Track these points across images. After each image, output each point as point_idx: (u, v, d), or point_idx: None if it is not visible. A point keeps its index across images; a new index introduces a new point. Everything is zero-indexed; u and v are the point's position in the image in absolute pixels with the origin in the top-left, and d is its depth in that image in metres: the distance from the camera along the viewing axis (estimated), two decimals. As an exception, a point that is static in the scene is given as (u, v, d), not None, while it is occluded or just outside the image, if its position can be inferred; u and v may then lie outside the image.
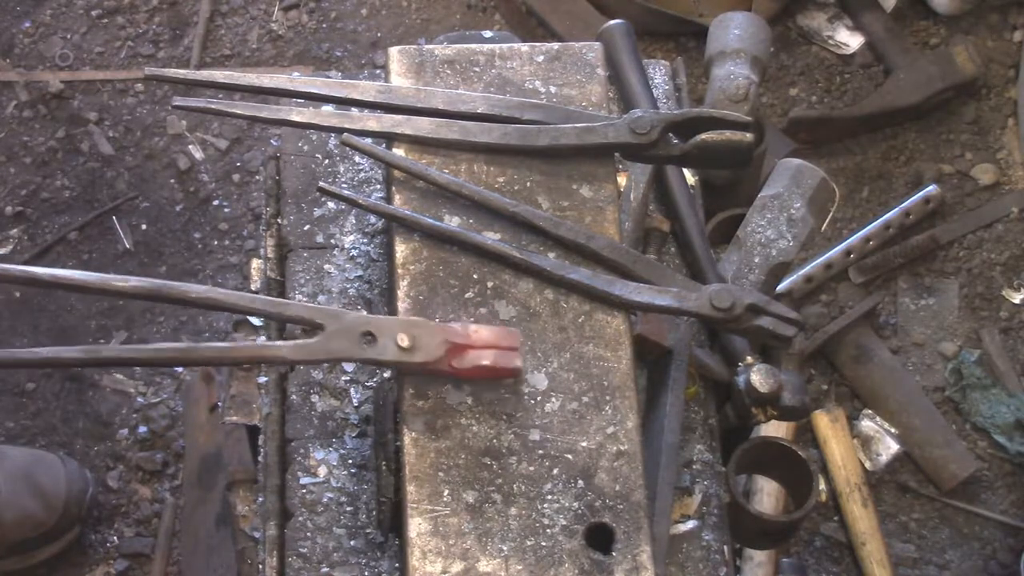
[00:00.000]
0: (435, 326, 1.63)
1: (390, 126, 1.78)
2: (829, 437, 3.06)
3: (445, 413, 1.64)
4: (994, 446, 3.11)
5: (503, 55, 1.85)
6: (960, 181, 3.36)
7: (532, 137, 1.77)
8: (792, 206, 1.90)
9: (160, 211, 3.30)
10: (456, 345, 1.62)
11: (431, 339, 1.62)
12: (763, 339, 1.75)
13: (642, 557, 1.59)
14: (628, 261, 1.72)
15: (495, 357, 1.63)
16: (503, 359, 1.63)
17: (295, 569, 1.74)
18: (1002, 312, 3.23)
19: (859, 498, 3.00)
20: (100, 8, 3.50)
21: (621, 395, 1.66)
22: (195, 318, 3.19)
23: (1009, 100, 3.43)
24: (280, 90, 1.84)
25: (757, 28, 2.09)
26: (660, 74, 2.11)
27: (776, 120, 3.39)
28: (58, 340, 3.15)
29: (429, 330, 1.62)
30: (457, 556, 1.57)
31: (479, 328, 1.65)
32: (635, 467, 1.63)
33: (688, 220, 1.97)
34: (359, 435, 1.83)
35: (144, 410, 3.11)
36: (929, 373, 3.18)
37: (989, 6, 3.51)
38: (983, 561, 3.03)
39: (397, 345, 1.61)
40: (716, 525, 1.82)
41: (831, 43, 3.48)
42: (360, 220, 1.95)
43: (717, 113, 1.77)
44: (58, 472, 2.89)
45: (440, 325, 1.64)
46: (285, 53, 3.47)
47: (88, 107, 3.38)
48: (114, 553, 3.00)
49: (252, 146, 3.37)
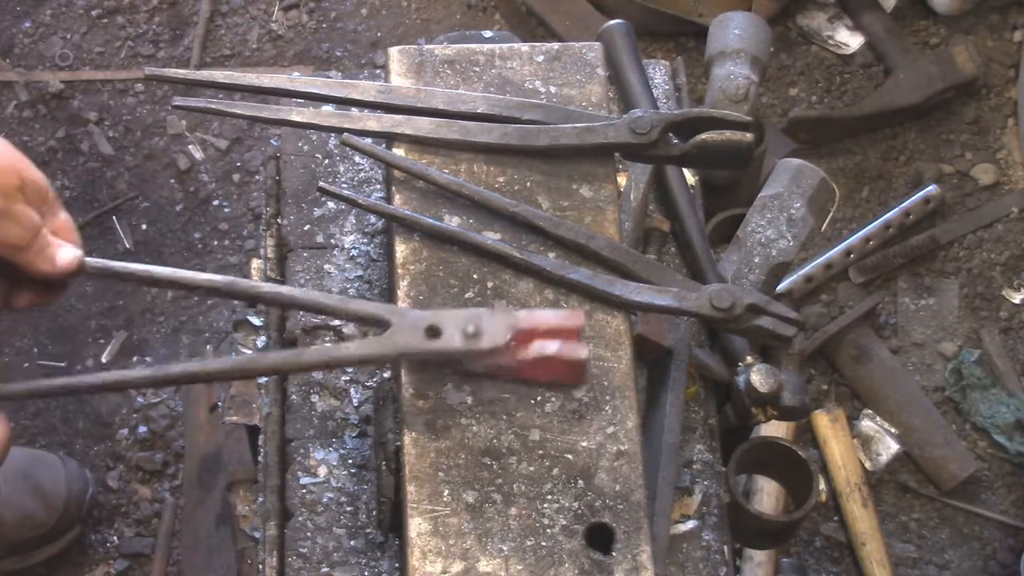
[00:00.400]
0: (499, 312, 1.61)
1: (390, 126, 1.78)
2: (829, 437, 3.06)
3: (445, 413, 1.64)
4: (994, 446, 3.11)
5: (503, 55, 1.85)
6: (960, 181, 3.36)
7: (532, 137, 1.77)
8: (792, 206, 1.90)
9: (160, 211, 3.30)
10: (521, 331, 1.59)
11: (496, 325, 1.59)
12: (763, 339, 1.75)
13: (642, 557, 1.59)
14: (628, 261, 1.72)
15: (560, 347, 1.60)
16: (569, 349, 1.60)
17: (295, 569, 1.74)
18: (1002, 312, 3.23)
19: (859, 498, 3.00)
20: (100, 8, 3.50)
21: (621, 395, 1.66)
22: (195, 318, 3.19)
23: (1009, 100, 3.43)
24: (280, 90, 1.83)
25: (757, 28, 2.09)
26: (660, 74, 2.11)
27: (776, 120, 3.39)
28: (58, 340, 3.15)
29: (492, 317, 1.59)
30: (457, 556, 1.57)
31: (542, 311, 1.63)
32: (635, 467, 1.63)
33: (688, 220, 1.97)
34: (359, 435, 1.83)
35: (144, 410, 3.11)
36: (929, 373, 3.18)
37: (989, 6, 3.51)
38: (983, 561, 3.03)
39: (464, 333, 1.59)
40: (716, 525, 1.82)
41: (831, 43, 3.49)
42: (360, 220, 1.95)
43: (717, 113, 1.77)
44: (58, 472, 2.90)
45: (503, 311, 1.62)
46: (285, 53, 3.47)
47: (88, 107, 3.38)
48: (114, 553, 3.00)
49: (252, 146, 3.37)
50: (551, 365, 1.61)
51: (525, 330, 1.59)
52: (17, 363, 3.14)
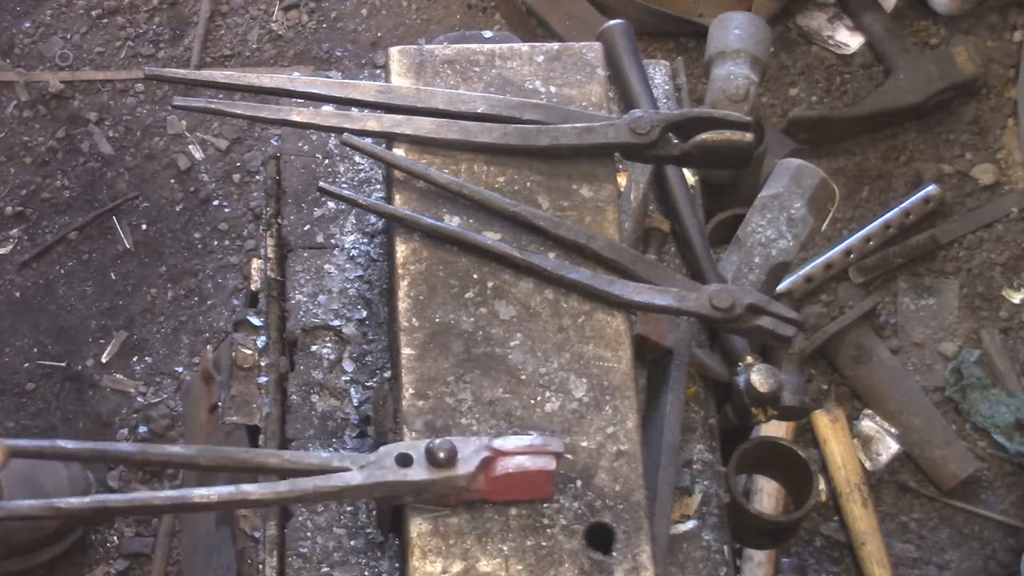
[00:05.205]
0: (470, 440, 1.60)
1: (390, 126, 1.78)
2: (829, 437, 3.06)
3: (445, 413, 1.64)
4: (994, 446, 3.11)
5: (503, 55, 1.85)
6: (960, 181, 3.36)
7: (532, 137, 1.77)
8: (792, 206, 1.90)
9: (160, 211, 3.30)
10: (492, 454, 1.58)
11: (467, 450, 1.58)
12: (763, 339, 1.76)
13: (642, 557, 1.59)
14: (628, 261, 1.72)
15: (529, 460, 1.58)
16: (536, 461, 1.58)
17: (295, 569, 1.74)
18: (1002, 312, 3.23)
19: (859, 498, 3.00)
20: (100, 8, 3.50)
21: (621, 395, 1.66)
22: (195, 318, 3.19)
23: (1009, 100, 3.43)
24: (280, 90, 1.84)
25: (757, 28, 2.09)
26: (660, 74, 2.11)
27: (776, 120, 3.39)
28: (58, 340, 3.15)
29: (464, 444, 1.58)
30: (457, 556, 1.57)
31: (510, 438, 1.61)
32: (635, 467, 1.63)
33: (688, 220, 1.97)
34: (359, 435, 1.82)
35: (144, 410, 3.11)
36: (929, 373, 3.18)
37: (989, 6, 3.50)
38: (983, 561, 3.03)
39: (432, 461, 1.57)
40: (716, 525, 1.82)
41: (831, 43, 3.48)
42: (360, 220, 1.95)
43: (717, 113, 1.77)
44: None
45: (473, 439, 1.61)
46: (285, 53, 3.47)
47: (88, 107, 3.38)
48: (114, 553, 3.00)
49: (252, 146, 3.37)
50: (518, 482, 1.58)
51: (496, 450, 1.58)
52: (17, 363, 3.14)
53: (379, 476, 1.57)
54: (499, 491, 1.58)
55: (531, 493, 1.59)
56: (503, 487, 1.58)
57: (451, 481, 1.56)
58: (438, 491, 1.57)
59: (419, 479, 1.56)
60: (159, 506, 1.61)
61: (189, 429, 2.90)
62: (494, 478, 1.57)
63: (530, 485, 1.58)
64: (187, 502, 1.57)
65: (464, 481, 1.56)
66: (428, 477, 1.56)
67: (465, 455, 1.57)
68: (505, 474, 1.57)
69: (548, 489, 1.59)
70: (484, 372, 1.67)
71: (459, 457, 1.56)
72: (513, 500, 1.59)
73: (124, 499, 1.71)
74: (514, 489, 1.58)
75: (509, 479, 1.57)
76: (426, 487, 1.57)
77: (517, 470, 1.57)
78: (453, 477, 1.56)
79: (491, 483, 1.57)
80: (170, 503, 1.59)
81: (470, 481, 1.56)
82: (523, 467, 1.56)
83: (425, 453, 1.57)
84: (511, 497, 1.59)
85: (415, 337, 1.68)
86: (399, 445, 1.59)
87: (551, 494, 1.60)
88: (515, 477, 1.57)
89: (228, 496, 1.57)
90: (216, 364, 2.15)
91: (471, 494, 1.58)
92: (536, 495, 1.59)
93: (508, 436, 1.60)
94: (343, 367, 1.86)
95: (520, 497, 1.59)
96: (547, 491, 1.59)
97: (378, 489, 1.57)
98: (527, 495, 1.59)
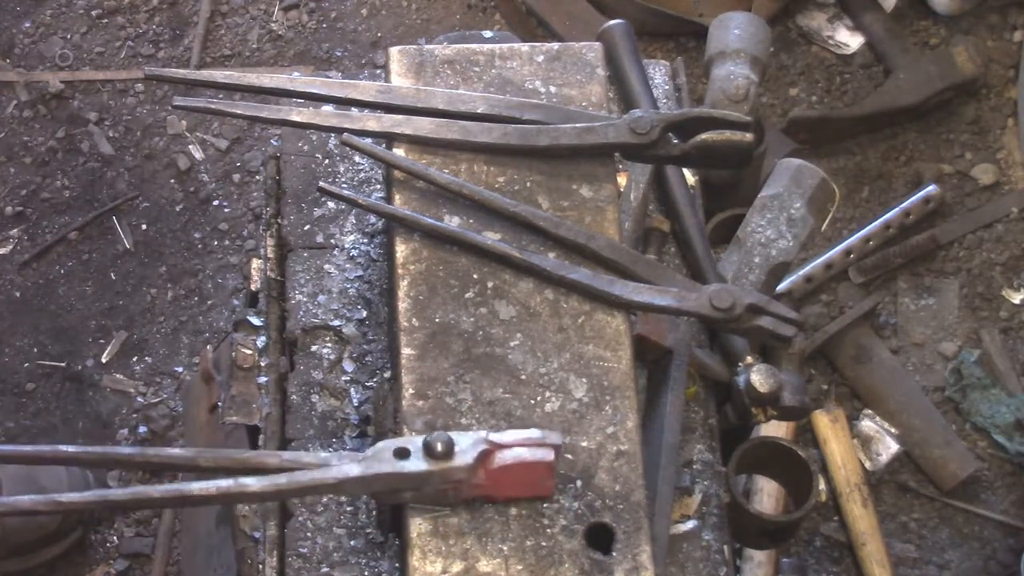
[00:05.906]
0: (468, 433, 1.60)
1: (390, 126, 1.78)
2: (829, 437, 3.06)
3: (445, 413, 1.64)
4: (994, 446, 3.11)
5: (503, 55, 1.85)
6: (960, 181, 3.36)
7: (532, 137, 1.77)
8: (792, 206, 1.90)
9: (160, 211, 3.30)
10: (490, 447, 1.58)
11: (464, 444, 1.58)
12: (763, 339, 1.76)
13: (642, 557, 1.59)
14: (628, 261, 1.73)
15: (528, 452, 1.57)
16: (535, 452, 1.58)
17: (295, 569, 1.74)
18: (1002, 312, 3.23)
19: (859, 498, 3.00)
20: (100, 8, 3.50)
21: (621, 395, 1.66)
22: (195, 318, 3.19)
23: (1009, 100, 3.43)
24: (280, 90, 1.84)
25: (757, 28, 2.09)
26: (660, 74, 2.11)
27: (776, 120, 3.39)
28: (58, 340, 3.15)
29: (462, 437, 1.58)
30: (457, 556, 1.57)
31: (508, 432, 1.60)
32: (635, 467, 1.63)
33: (688, 220, 1.97)
34: (359, 435, 1.82)
35: (144, 410, 3.11)
36: (929, 373, 3.18)
37: (989, 6, 3.50)
38: (983, 561, 3.03)
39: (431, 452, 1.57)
40: (716, 525, 1.82)
41: (831, 43, 3.48)
42: (360, 220, 1.95)
43: (717, 113, 1.77)
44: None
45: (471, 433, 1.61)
46: (285, 53, 3.47)
47: (88, 107, 3.38)
48: (114, 553, 3.00)
49: (252, 146, 3.37)
50: (517, 473, 1.58)
51: (494, 443, 1.58)
52: (17, 363, 3.14)
53: (377, 468, 1.57)
54: (498, 486, 1.58)
55: (531, 490, 1.59)
56: (502, 481, 1.58)
57: (449, 473, 1.56)
58: (436, 484, 1.57)
59: (417, 470, 1.56)
60: (159, 499, 1.61)
61: (189, 429, 2.90)
62: (492, 471, 1.57)
63: (530, 480, 1.58)
64: (186, 495, 1.58)
65: (462, 473, 1.56)
66: (426, 468, 1.56)
67: (463, 448, 1.57)
68: (503, 466, 1.57)
69: (548, 485, 1.59)
70: (484, 372, 1.67)
71: (457, 449, 1.56)
72: (513, 498, 1.59)
73: (124, 493, 1.71)
74: (514, 484, 1.58)
75: (508, 472, 1.57)
76: (424, 479, 1.57)
77: (515, 461, 1.56)
78: (451, 469, 1.56)
79: (490, 476, 1.57)
80: (169, 496, 1.59)
81: (468, 473, 1.56)
82: (521, 458, 1.56)
83: (423, 445, 1.57)
84: (511, 494, 1.59)
85: (415, 337, 1.68)
86: (396, 440, 1.59)
87: (551, 491, 1.59)
88: (514, 470, 1.57)
89: (227, 489, 1.58)
90: (216, 364, 2.15)
91: (470, 489, 1.58)
92: (536, 492, 1.59)
93: (506, 431, 1.60)
94: (343, 367, 1.86)
95: (520, 494, 1.59)
96: (547, 488, 1.59)
97: (376, 481, 1.57)
98: (527, 492, 1.59)
